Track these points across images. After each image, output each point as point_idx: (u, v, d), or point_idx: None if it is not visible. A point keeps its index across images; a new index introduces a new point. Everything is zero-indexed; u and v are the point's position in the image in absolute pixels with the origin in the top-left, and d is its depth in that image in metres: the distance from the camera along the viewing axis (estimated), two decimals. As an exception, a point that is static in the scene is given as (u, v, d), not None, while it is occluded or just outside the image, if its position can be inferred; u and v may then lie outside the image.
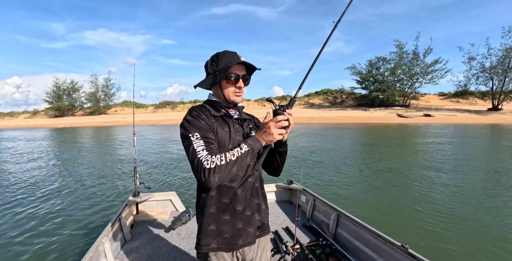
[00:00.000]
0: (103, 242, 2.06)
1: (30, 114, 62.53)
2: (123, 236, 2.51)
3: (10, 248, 3.35)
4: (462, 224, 3.72)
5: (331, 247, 2.35)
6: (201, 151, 0.96)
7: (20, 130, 32.09)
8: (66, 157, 10.38)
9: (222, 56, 1.11)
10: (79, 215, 4.33)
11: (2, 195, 5.55)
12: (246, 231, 1.11)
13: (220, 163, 0.93)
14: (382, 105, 37.26)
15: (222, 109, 1.15)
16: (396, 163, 7.70)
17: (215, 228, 1.08)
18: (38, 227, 3.93)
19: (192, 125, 1.03)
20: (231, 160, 0.95)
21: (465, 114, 28.98)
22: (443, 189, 5.25)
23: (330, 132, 17.87)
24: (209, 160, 0.93)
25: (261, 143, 1.02)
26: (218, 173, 0.92)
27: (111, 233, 2.27)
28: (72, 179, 6.72)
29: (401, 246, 1.84)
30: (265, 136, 1.01)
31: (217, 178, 0.93)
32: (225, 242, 1.09)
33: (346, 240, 2.44)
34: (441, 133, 15.40)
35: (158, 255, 2.29)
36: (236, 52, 1.12)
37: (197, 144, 0.98)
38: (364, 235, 2.24)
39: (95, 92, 53.94)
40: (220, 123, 1.11)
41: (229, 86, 1.11)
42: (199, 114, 1.07)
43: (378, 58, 38.57)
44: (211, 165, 0.92)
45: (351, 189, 5.37)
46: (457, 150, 9.55)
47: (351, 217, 2.43)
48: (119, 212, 2.62)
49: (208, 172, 0.91)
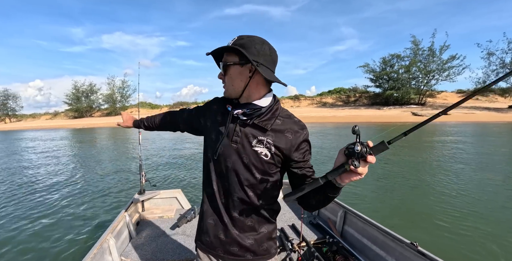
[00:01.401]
0: (108, 239, 2.06)
1: (51, 116, 65.37)
2: (128, 233, 2.52)
3: (15, 243, 3.44)
4: (476, 223, 3.61)
5: (338, 244, 2.30)
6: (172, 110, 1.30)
7: (41, 130, 33.60)
8: (79, 156, 10.79)
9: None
10: (85, 211, 4.43)
11: (13, 190, 5.86)
12: (230, 247, 0.99)
13: (146, 123, 1.42)
14: (397, 103, 36.30)
15: (226, 104, 0.98)
16: (405, 161, 7.53)
17: (201, 227, 1.07)
18: (44, 222, 4.04)
19: (199, 106, 1.15)
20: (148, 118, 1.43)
21: (484, 112, 27.87)
22: (457, 187, 5.12)
23: (340, 131, 17.61)
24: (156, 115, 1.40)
25: None
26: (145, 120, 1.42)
27: (116, 230, 2.28)
28: (81, 177, 6.93)
29: (411, 244, 1.77)
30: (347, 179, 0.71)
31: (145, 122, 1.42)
32: (207, 245, 1.05)
33: (354, 238, 2.38)
34: (457, 131, 14.87)
35: (163, 252, 2.30)
36: None
37: (180, 109, 1.27)
38: (372, 232, 2.18)
39: (112, 94, 55.74)
40: (224, 121, 0.96)
41: None
42: (210, 103, 1.09)
43: (392, 56, 37.60)
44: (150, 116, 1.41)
45: (358, 186, 5.31)
46: (472, 149, 9.22)
47: (359, 214, 2.38)
48: (124, 209, 2.64)
49: (148, 118, 1.42)
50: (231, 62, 0.90)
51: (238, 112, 0.91)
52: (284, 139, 0.90)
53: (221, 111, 0.99)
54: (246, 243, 0.99)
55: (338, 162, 0.70)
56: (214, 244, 1.02)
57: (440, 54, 34.49)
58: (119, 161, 9.10)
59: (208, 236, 1.04)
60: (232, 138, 0.92)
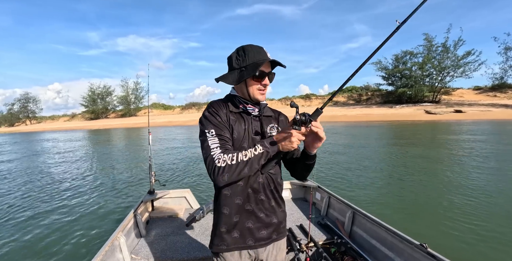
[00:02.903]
0: (119, 236, 2.09)
1: (69, 117, 67.81)
2: (138, 232, 2.56)
3: (28, 239, 3.56)
4: (490, 225, 3.51)
5: (346, 245, 2.28)
6: (214, 148, 0.97)
7: (59, 132, 34.92)
8: (94, 156, 11.16)
9: (248, 50, 1.05)
10: (97, 210, 4.55)
11: (30, 188, 6.15)
12: (259, 232, 1.10)
13: (231, 163, 0.92)
14: (410, 101, 35.40)
15: (240, 105, 1.11)
16: (417, 160, 7.36)
17: (225, 230, 1.09)
18: (57, 220, 4.16)
19: (209, 121, 1.03)
20: (242, 161, 0.93)
21: (501, 109, 26.56)
22: (471, 188, 4.98)
23: (349, 130, 17.37)
24: (220, 159, 0.93)
25: (277, 148, 0.96)
26: (227, 173, 0.92)
27: (126, 228, 2.31)
28: (94, 176, 7.14)
29: (420, 245, 1.74)
30: (284, 141, 0.94)
31: (226, 177, 0.93)
32: (234, 242, 1.09)
33: (362, 239, 2.36)
34: (470, 130, 14.31)
35: (172, 251, 2.33)
36: (262, 47, 1.08)
37: (212, 141, 0.99)
38: (381, 233, 2.15)
39: (126, 96, 57.23)
40: (238, 120, 1.09)
41: (254, 84, 1.06)
42: (217, 110, 1.06)
43: (404, 52, 36.64)
44: (221, 163, 0.93)
45: (367, 186, 5.27)
46: (488, 148, 8.89)
47: (367, 215, 2.35)
48: (134, 208, 2.67)
49: (218, 170, 0.92)
50: (274, 72, 1.13)
51: (255, 110, 1.13)
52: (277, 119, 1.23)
53: (232, 111, 1.10)
54: (272, 223, 1.13)
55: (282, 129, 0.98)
56: (245, 236, 1.09)
57: (455, 50, 33.46)
58: (131, 161, 9.33)
59: (234, 233, 1.09)
60: (254, 130, 1.11)
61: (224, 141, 1.01)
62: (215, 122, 1.03)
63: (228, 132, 1.04)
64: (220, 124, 1.04)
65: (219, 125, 1.03)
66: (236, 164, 0.93)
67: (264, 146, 0.95)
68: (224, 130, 1.03)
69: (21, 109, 70.11)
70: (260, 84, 1.06)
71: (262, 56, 1.04)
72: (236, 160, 0.93)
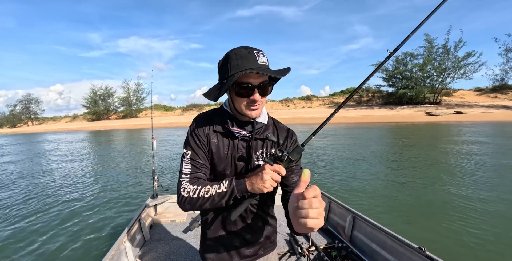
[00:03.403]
0: (124, 241, 2.14)
1: (71, 119, 68.02)
2: (142, 236, 2.61)
3: (33, 245, 3.57)
4: (488, 228, 3.58)
5: (347, 249, 2.33)
6: (184, 175, 0.92)
7: (61, 133, 35.07)
8: (96, 159, 11.13)
9: (231, 57, 0.83)
10: (101, 215, 4.57)
11: (32, 192, 6.19)
12: (246, 250, 1.07)
13: (192, 196, 0.87)
14: (411, 103, 35.38)
15: (226, 125, 0.95)
16: (413, 164, 7.39)
17: (211, 244, 1.07)
18: (63, 225, 4.18)
19: (189, 141, 0.96)
20: (202, 197, 0.86)
21: (501, 110, 26.48)
22: (469, 191, 5.02)
23: (349, 132, 17.37)
24: (185, 188, 0.89)
25: (245, 187, 0.83)
26: (188, 204, 0.88)
27: (131, 233, 2.35)
28: (97, 180, 7.15)
29: (418, 249, 1.80)
30: (255, 180, 0.82)
31: (188, 208, 0.89)
32: (219, 258, 1.07)
33: (362, 243, 2.41)
34: (468, 132, 14.28)
35: (176, 255, 2.38)
36: (253, 50, 0.84)
37: (185, 166, 0.94)
38: (381, 237, 2.20)
39: (127, 97, 57.41)
40: (221, 142, 0.96)
41: (240, 99, 0.87)
42: (198, 131, 0.96)
43: (405, 54, 36.66)
44: (185, 193, 0.88)
45: (367, 190, 5.31)
46: (487, 151, 8.89)
47: (367, 219, 2.39)
48: (138, 213, 2.71)
49: (181, 199, 0.88)
50: (268, 83, 0.88)
51: (242, 132, 0.95)
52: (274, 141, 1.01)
53: (216, 130, 0.96)
54: (259, 242, 1.09)
55: None
56: (230, 254, 1.07)
57: (455, 51, 33.47)
58: (134, 165, 9.20)
59: (220, 249, 1.06)
60: (238, 155, 0.97)
61: (195, 168, 0.93)
62: (193, 144, 0.95)
63: (205, 158, 0.95)
64: (197, 148, 0.94)
65: (196, 148, 0.94)
66: (197, 199, 0.87)
67: (230, 183, 0.85)
68: (200, 154, 0.94)
69: (23, 110, 70.43)
70: (248, 99, 0.85)
71: (248, 63, 0.81)
72: (197, 194, 0.87)
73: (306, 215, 0.54)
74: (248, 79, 0.82)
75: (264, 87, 0.86)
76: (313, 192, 0.54)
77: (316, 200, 0.54)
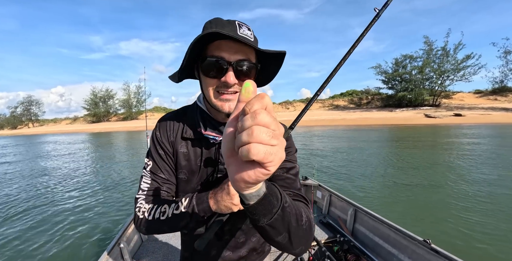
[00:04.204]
0: (120, 242, 2.10)
1: (71, 120, 68.30)
2: (139, 237, 2.56)
3: (29, 246, 3.50)
4: (492, 221, 3.57)
5: (349, 243, 2.28)
6: (140, 191, 0.74)
7: (61, 135, 35.15)
8: (94, 160, 11.12)
9: (206, 26, 0.65)
10: (97, 215, 4.51)
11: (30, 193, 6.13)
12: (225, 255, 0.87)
13: (147, 217, 0.69)
14: (410, 105, 35.49)
15: (198, 128, 0.73)
16: (411, 164, 7.36)
17: (188, 255, 0.89)
18: (59, 226, 4.12)
19: (151, 150, 0.77)
20: (158, 219, 0.68)
21: (501, 112, 26.54)
22: (472, 184, 5.08)
23: (348, 133, 17.40)
24: (141, 208, 0.71)
25: (208, 206, 0.64)
26: (144, 227, 0.70)
27: (127, 233, 2.31)
28: (94, 181, 7.08)
29: (423, 241, 1.75)
30: (220, 196, 0.63)
31: (144, 230, 0.71)
32: None
33: (365, 236, 2.36)
34: (466, 134, 14.31)
35: (173, 255, 2.35)
36: (235, 21, 0.64)
37: (144, 179, 0.76)
38: (383, 230, 2.15)
39: (128, 99, 57.62)
40: (192, 151, 0.76)
41: (208, 81, 0.65)
42: (161, 138, 0.76)
43: (404, 56, 36.85)
44: (140, 214, 0.71)
45: (368, 184, 5.32)
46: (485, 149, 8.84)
47: (369, 212, 2.34)
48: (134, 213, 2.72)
49: (136, 220, 0.71)
50: (254, 63, 0.65)
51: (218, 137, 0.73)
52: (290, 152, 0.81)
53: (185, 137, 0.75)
54: (243, 256, 0.88)
55: None
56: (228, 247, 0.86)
57: (455, 54, 33.63)
58: (131, 165, 9.25)
59: None
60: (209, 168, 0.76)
61: (156, 183, 0.75)
62: (155, 155, 0.76)
63: (169, 171, 0.76)
64: (160, 159, 0.75)
65: (158, 160, 0.75)
66: (152, 221, 0.68)
67: (189, 202, 0.66)
68: (163, 168, 0.75)
69: (24, 112, 70.77)
70: (219, 81, 0.63)
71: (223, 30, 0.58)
72: (152, 216, 0.68)
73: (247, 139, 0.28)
74: (220, 52, 0.61)
75: (243, 67, 0.62)
76: (259, 102, 0.29)
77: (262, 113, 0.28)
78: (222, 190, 0.64)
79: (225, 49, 0.60)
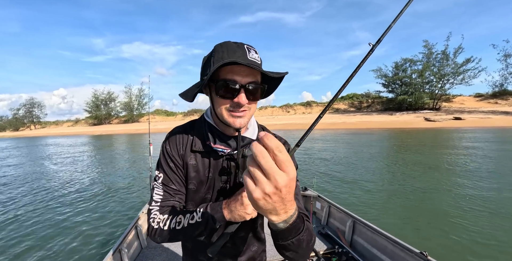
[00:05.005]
0: (120, 248, 2.10)
1: (73, 123, 68.52)
2: (139, 243, 2.56)
3: (29, 252, 3.46)
4: (489, 233, 3.54)
5: (347, 254, 2.31)
6: (154, 203, 0.79)
7: (63, 137, 35.27)
8: (95, 163, 11.03)
9: (217, 50, 0.70)
10: (98, 221, 4.47)
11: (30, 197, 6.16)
12: None
13: (163, 227, 0.74)
14: (410, 109, 35.49)
15: (207, 141, 0.79)
16: (411, 169, 7.39)
17: None
18: (57, 232, 4.09)
19: (161, 162, 0.82)
20: (174, 229, 0.73)
21: (501, 116, 26.51)
22: (469, 195, 4.99)
23: (348, 137, 17.38)
24: (155, 218, 0.76)
25: (222, 216, 0.70)
26: (159, 237, 0.75)
27: (127, 240, 2.31)
28: (95, 186, 7.04)
29: (420, 253, 1.78)
30: (234, 206, 0.69)
31: (159, 240, 0.76)
32: None
33: (363, 248, 2.38)
34: (465, 138, 14.29)
35: None
36: (243, 44, 0.70)
37: (156, 191, 0.80)
38: (381, 242, 2.17)
39: (129, 102, 57.82)
40: (201, 163, 0.81)
41: (221, 101, 0.70)
42: (172, 151, 0.80)
43: (404, 60, 36.97)
44: (155, 224, 0.75)
45: (367, 195, 5.29)
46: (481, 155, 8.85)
47: (368, 224, 2.36)
48: (135, 219, 2.67)
49: (151, 231, 0.75)
50: (260, 85, 0.72)
51: (226, 150, 0.79)
52: None
53: (194, 150, 0.80)
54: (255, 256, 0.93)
55: None
56: None
57: (455, 57, 33.73)
58: (132, 170, 9.16)
59: None
60: (222, 178, 0.81)
61: (168, 194, 0.79)
62: (166, 167, 0.80)
63: (180, 183, 0.81)
64: (170, 171, 0.80)
65: (169, 172, 0.80)
66: (168, 231, 0.73)
67: (204, 213, 0.71)
68: (174, 179, 0.80)
69: (26, 114, 71.12)
70: (232, 102, 0.69)
71: (235, 57, 0.66)
72: (168, 226, 0.73)
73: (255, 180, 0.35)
74: (232, 76, 0.66)
75: (252, 89, 0.68)
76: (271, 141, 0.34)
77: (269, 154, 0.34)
78: (236, 200, 0.69)
79: (238, 72, 0.67)
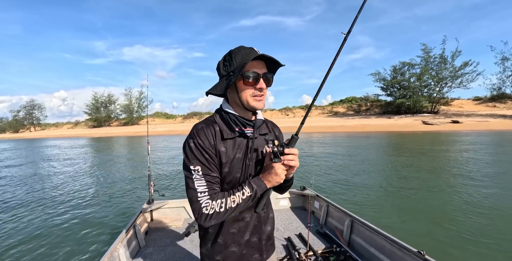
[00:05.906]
0: (118, 248, 2.09)
1: (72, 125, 68.49)
2: (137, 243, 2.54)
3: (26, 251, 3.46)
4: (486, 233, 3.57)
5: (345, 254, 2.30)
6: (201, 193, 0.87)
7: (62, 139, 35.22)
8: (94, 164, 11.07)
9: (236, 52, 0.90)
10: (95, 220, 4.46)
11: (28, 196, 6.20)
12: (252, 256, 1.07)
13: (219, 210, 0.86)
14: (409, 112, 35.65)
15: (236, 128, 0.95)
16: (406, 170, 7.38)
17: (221, 259, 1.03)
18: (55, 231, 4.08)
19: (195, 155, 0.90)
20: (230, 208, 0.87)
21: (499, 119, 26.65)
22: (467, 195, 5.05)
23: (347, 140, 17.34)
24: (208, 206, 0.86)
25: (265, 186, 0.91)
26: (215, 219, 0.86)
27: (125, 239, 2.29)
28: (93, 185, 7.09)
29: (418, 253, 1.79)
30: (271, 178, 0.90)
31: (213, 222, 0.87)
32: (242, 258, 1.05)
33: (361, 247, 2.38)
34: (461, 141, 14.33)
35: (172, 260, 2.35)
36: (253, 47, 0.93)
37: (198, 183, 0.88)
38: (379, 241, 2.18)
39: (129, 104, 57.91)
40: (232, 147, 0.95)
41: (247, 88, 0.90)
42: (203, 142, 0.90)
43: (402, 63, 37.19)
44: (209, 211, 0.85)
45: (365, 195, 5.33)
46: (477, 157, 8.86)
47: (366, 223, 2.38)
48: (133, 219, 2.66)
49: (206, 217, 0.85)
50: (272, 73, 0.97)
51: (251, 131, 0.98)
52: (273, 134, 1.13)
53: (225, 137, 0.94)
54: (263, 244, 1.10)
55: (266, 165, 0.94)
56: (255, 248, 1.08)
57: (452, 61, 33.94)
58: (130, 170, 9.22)
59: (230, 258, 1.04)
60: (252, 157, 0.98)
61: (211, 183, 0.90)
62: (202, 159, 0.89)
63: (217, 170, 0.93)
64: (208, 161, 0.90)
65: (206, 162, 0.90)
66: (225, 211, 0.86)
67: (251, 187, 0.90)
68: (212, 168, 0.91)
69: (26, 116, 71.04)
70: (254, 88, 0.90)
71: (252, 55, 0.87)
72: (224, 207, 0.87)
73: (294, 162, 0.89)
74: (253, 68, 0.89)
75: (266, 76, 0.93)
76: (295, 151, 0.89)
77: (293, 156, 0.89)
78: (270, 173, 0.90)
79: (257, 66, 0.90)
